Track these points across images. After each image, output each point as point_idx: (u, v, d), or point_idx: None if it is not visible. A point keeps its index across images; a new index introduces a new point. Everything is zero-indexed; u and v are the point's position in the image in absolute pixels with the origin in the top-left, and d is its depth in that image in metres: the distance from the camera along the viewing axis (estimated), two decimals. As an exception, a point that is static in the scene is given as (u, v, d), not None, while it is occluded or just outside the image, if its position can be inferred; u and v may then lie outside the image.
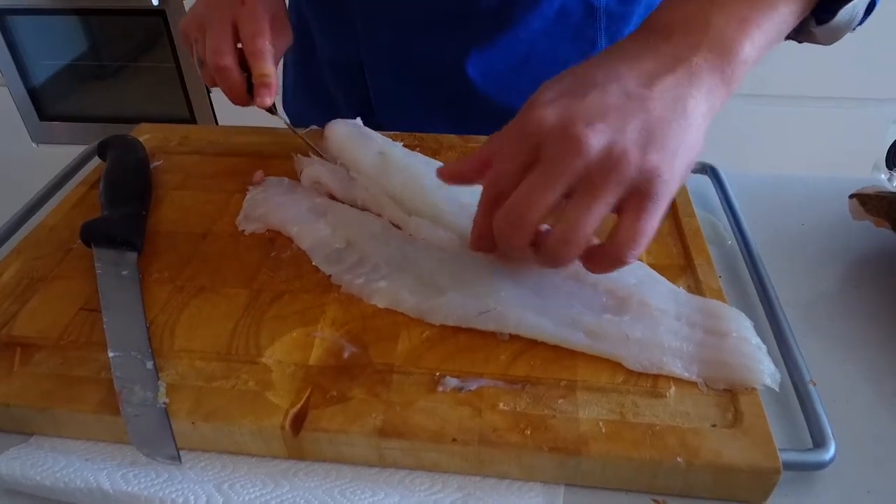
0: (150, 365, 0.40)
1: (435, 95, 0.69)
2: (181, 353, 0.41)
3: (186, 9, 1.80)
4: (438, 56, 0.66)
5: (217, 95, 1.94)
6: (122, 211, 0.50)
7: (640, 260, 0.46)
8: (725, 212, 0.56)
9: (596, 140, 0.35)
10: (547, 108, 0.37)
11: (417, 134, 0.63)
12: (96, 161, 0.61)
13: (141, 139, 0.62)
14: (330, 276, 0.47)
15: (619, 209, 0.37)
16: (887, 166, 2.01)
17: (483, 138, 0.63)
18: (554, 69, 0.41)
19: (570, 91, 0.37)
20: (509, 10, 0.64)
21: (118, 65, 1.99)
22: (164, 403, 0.38)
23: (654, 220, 0.37)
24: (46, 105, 2.05)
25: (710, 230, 0.54)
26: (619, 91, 0.37)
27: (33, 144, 2.10)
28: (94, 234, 0.48)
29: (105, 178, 0.54)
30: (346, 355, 0.41)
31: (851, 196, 0.51)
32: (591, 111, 0.36)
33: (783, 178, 0.62)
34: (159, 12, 1.82)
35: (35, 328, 0.43)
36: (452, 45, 0.66)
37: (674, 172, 0.36)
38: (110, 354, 0.41)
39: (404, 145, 0.58)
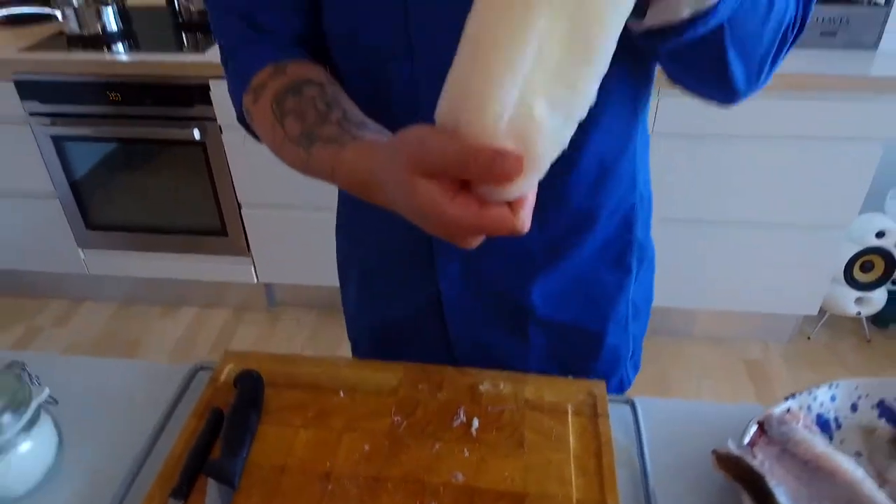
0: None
1: (498, 308, 0.86)
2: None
3: (224, 142, 2.08)
4: (507, 281, 0.84)
5: (247, 212, 2.21)
6: (234, 452, 0.73)
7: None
8: (638, 440, 0.79)
9: None
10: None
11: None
12: (198, 384, 0.85)
13: (226, 368, 0.85)
14: None
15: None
16: (846, 281, 2.21)
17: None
18: (596, 289, 0.67)
19: None
20: (566, 242, 0.82)
21: (158, 182, 2.24)
22: None
23: None
24: (92, 215, 2.31)
25: (626, 455, 0.77)
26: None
27: (79, 250, 2.37)
28: (211, 473, 0.72)
29: (227, 419, 0.76)
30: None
31: (713, 451, 0.72)
32: None
33: (695, 406, 0.83)
34: (200, 144, 2.09)
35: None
36: (520, 272, 0.83)
37: None
38: None
39: None
